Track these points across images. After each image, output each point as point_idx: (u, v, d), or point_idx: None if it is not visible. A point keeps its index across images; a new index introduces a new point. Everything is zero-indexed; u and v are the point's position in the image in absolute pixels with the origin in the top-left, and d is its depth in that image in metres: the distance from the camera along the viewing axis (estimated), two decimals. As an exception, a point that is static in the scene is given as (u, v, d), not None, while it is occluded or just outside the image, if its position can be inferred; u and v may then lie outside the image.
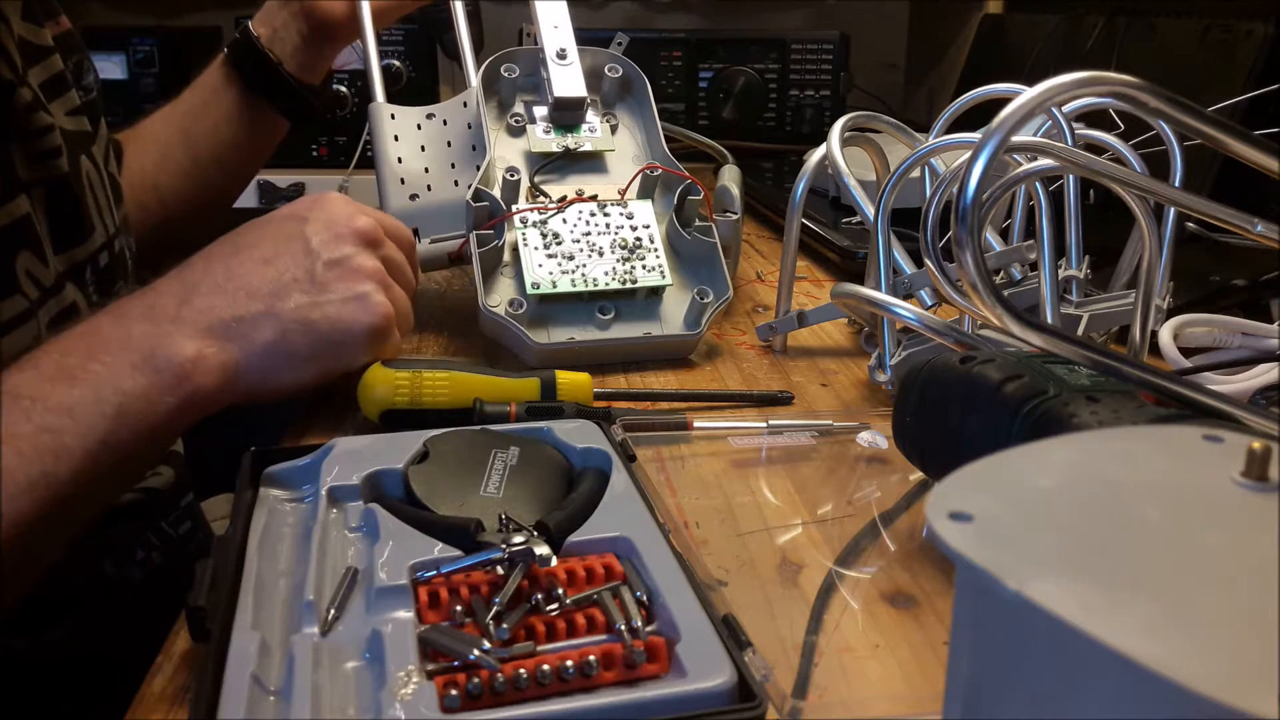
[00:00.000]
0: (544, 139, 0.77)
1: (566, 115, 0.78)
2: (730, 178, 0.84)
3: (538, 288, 0.69)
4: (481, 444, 0.50)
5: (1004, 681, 0.25)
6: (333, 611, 0.39)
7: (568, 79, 0.77)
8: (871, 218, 0.65)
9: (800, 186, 0.73)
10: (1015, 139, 0.46)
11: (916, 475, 0.54)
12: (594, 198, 0.75)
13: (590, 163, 0.78)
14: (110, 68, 1.43)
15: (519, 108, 0.79)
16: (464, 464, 0.49)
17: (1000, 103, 0.43)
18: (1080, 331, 0.64)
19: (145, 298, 0.53)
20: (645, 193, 0.76)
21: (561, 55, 0.78)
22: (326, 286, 0.55)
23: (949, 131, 0.69)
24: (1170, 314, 0.66)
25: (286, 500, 0.48)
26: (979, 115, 0.59)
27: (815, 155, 0.73)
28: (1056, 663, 0.23)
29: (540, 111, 0.78)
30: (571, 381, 0.61)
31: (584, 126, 0.78)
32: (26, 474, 0.46)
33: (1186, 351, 0.66)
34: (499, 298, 0.70)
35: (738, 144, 1.45)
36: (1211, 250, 0.84)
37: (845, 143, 0.71)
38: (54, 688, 0.65)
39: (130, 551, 0.73)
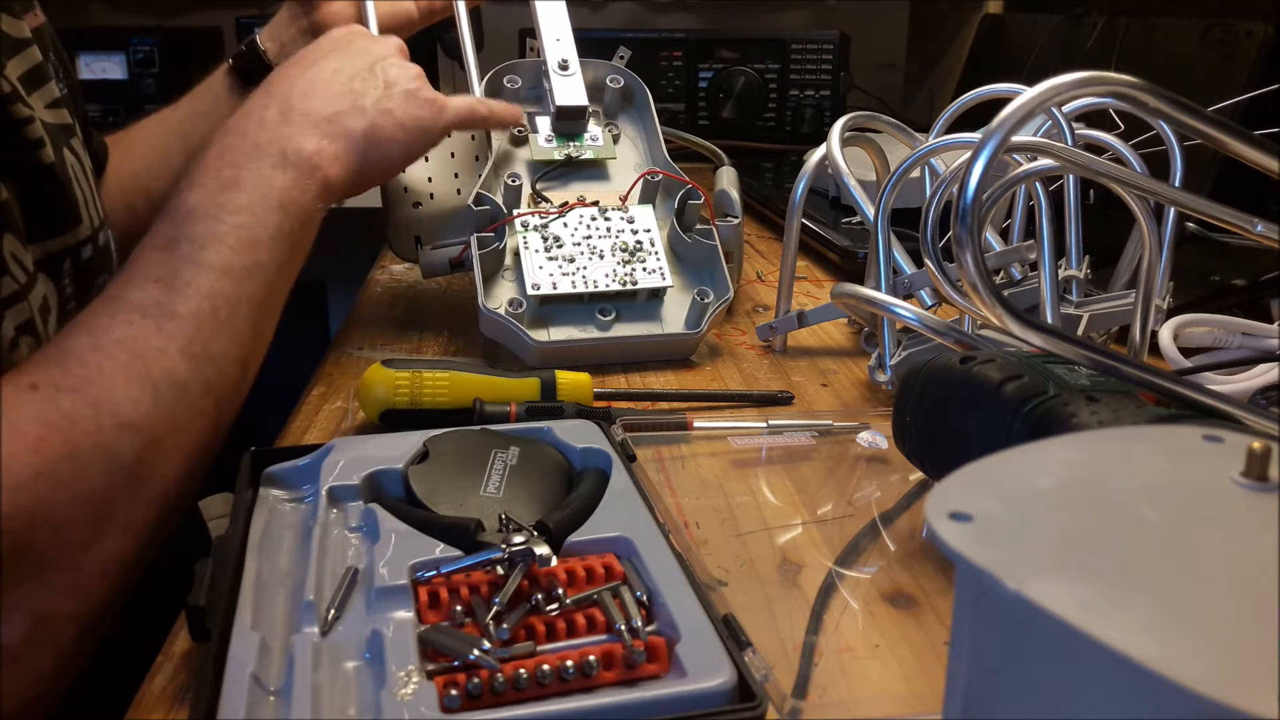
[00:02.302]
0: (546, 147, 0.78)
1: (569, 124, 0.79)
2: (728, 180, 0.84)
3: (538, 289, 0.69)
4: (481, 444, 0.50)
5: (1004, 681, 0.25)
6: (333, 611, 0.39)
7: (570, 89, 0.78)
8: (871, 218, 0.65)
9: (800, 186, 0.73)
10: (1015, 139, 0.46)
11: (916, 475, 0.54)
12: (595, 203, 0.75)
13: (592, 170, 0.79)
14: (110, 68, 1.43)
15: (522, 118, 0.79)
16: (464, 464, 0.49)
17: (1000, 103, 0.43)
18: (1080, 331, 0.64)
19: (251, 115, 0.61)
20: (646, 198, 0.77)
21: (564, 66, 0.78)
22: (391, 82, 0.66)
23: (949, 131, 0.69)
24: (1170, 314, 0.66)
25: (286, 500, 0.48)
26: (979, 115, 0.59)
27: (815, 155, 0.73)
28: (1056, 663, 0.23)
29: (543, 122, 0.79)
30: (571, 381, 0.61)
31: (586, 136, 0.79)
32: (243, 263, 0.54)
33: (1186, 351, 0.66)
34: (499, 299, 0.70)
35: (738, 144, 1.45)
36: (1211, 250, 0.84)
37: (845, 143, 0.71)
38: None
39: None
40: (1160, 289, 0.63)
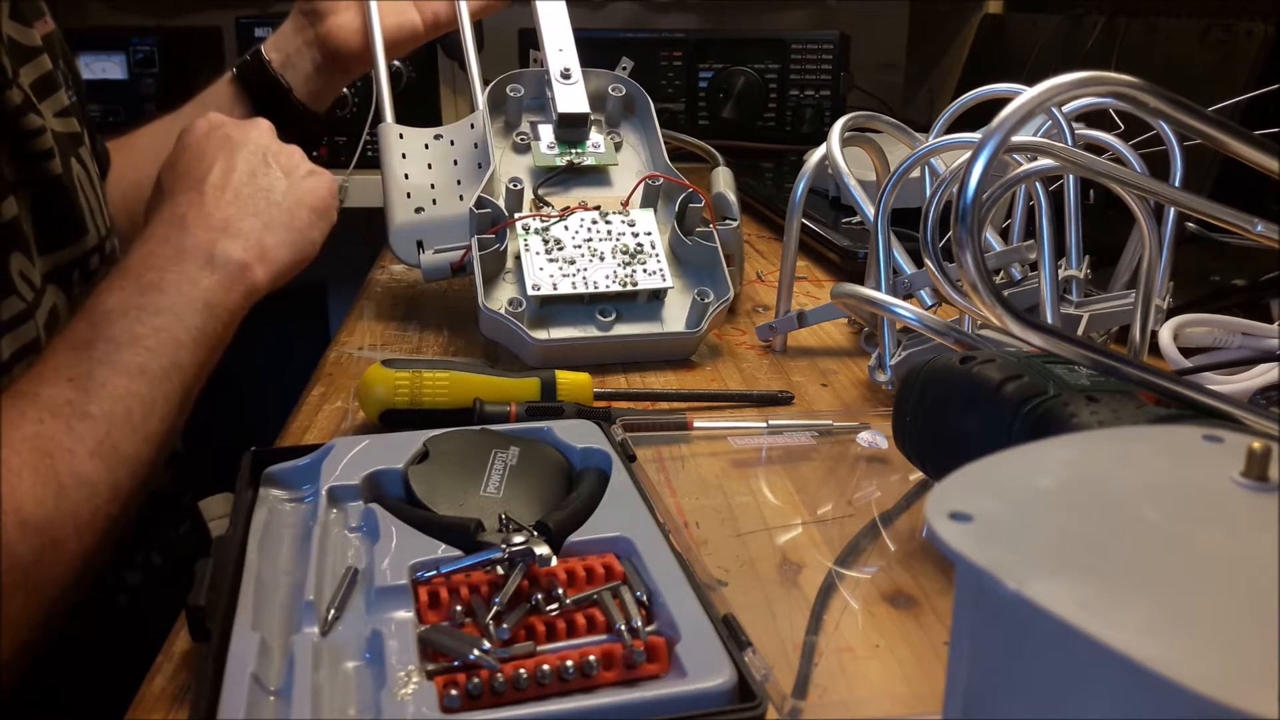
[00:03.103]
0: (548, 154, 0.78)
1: (571, 132, 0.79)
2: (724, 182, 0.84)
3: (538, 289, 0.69)
4: (481, 444, 0.50)
5: (1004, 681, 0.25)
6: (333, 611, 0.39)
7: (572, 96, 0.79)
8: (871, 218, 0.65)
9: (800, 186, 0.73)
10: (1015, 139, 0.46)
11: (916, 475, 0.54)
12: (597, 208, 0.75)
13: (594, 176, 0.79)
14: (110, 68, 1.43)
15: (524, 126, 0.80)
16: (464, 464, 0.49)
17: (1000, 103, 0.43)
18: (1080, 331, 0.64)
19: (170, 223, 0.60)
20: (647, 202, 0.77)
21: (566, 75, 0.79)
22: (288, 170, 0.66)
23: (949, 131, 0.69)
24: (1170, 314, 0.66)
25: (286, 500, 0.48)
26: (979, 115, 0.59)
27: (815, 155, 0.73)
28: (1056, 663, 0.23)
29: (545, 129, 0.79)
30: (571, 381, 0.61)
31: (588, 143, 0.79)
32: (160, 365, 0.54)
33: (1186, 351, 0.66)
34: (499, 299, 0.70)
35: (738, 144, 1.45)
36: (1211, 250, 0.84)
37: (845, 143, 0.71)
38: (54, 688, 0.65)
39: (130, 553, 0.73)
40: (1160, 289, 0.63)
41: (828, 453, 0.59)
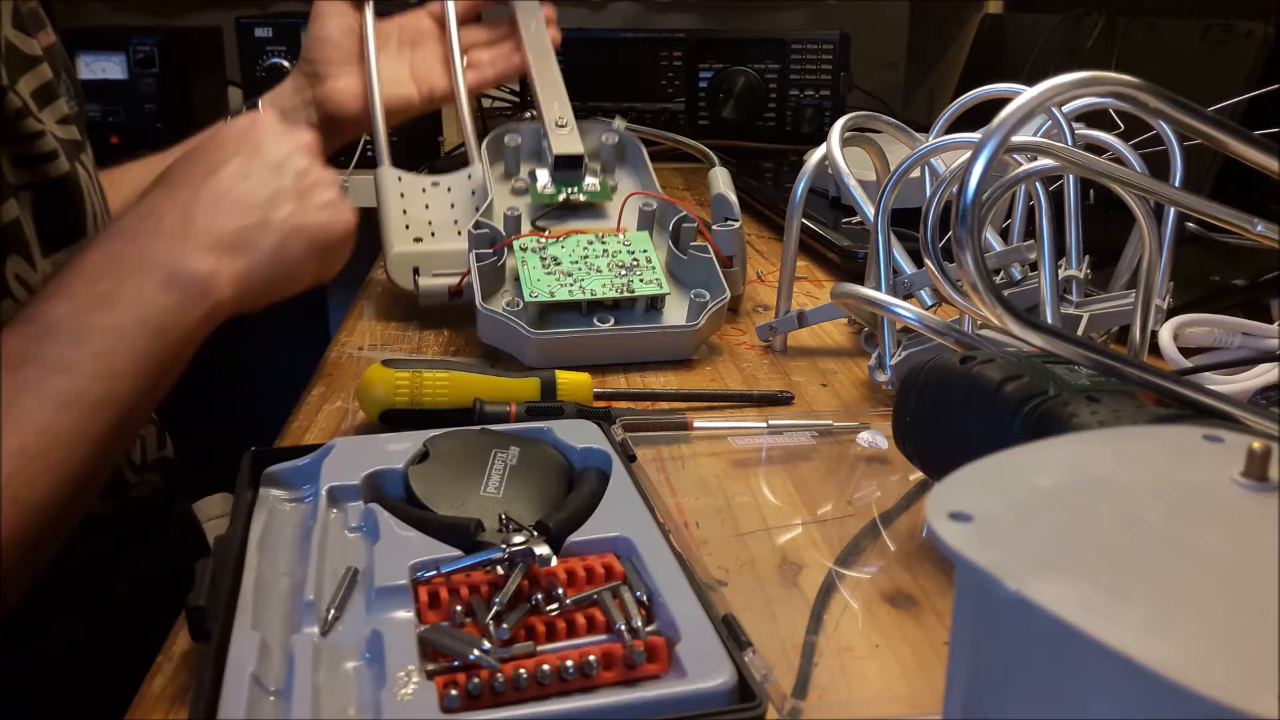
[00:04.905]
0: (545, 192, 0.80)
1: (566, 174, 0.81)
2: (724, 183, 0.84)
3: (535, 297, 0.69)
4: (481, 444, 0.50)
5: (1004, 681, 0.25)
6: (333, 611, 0.39)
7: (566, 140, 0.81)
8: (871, 218, 0.65)
9: (800, 186, 0.73)
10: (1015, 139, 0.45)
11: (916, 475, 0.54)
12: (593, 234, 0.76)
13: (589, 212, 0.81)
14: (110, 68, 1.43)
15: (522, 174, 0.82)
16: (464, 464, 0.49)
17: (1000, 103, 0.43)
18: (1080, 331, 0.64)
19: (147, 219, 0.55)
20: (642, 226, 0.78)
21: (561, 124, 0.82)
22: (305, 195, 0.60)
23: (949, 131, 0.69)
24: (1170, 314, 0.66)
25: (286, 500, 0.48)
26: (979, 115, 0.58)
27: (815, 155, 0.73)
28: (1056, 663, 0.23)
29: (542, 173, 0.81)
30: (571, 381, 0.61)
31: (583, 184, 0.81)
32: (95, 395, 0.49)
33: (1186, 351, 0.66)
34: (497, 305, 0.70)
35: (738, 144, 1.45)
36: (1211, 250, 0.84)
37: (845, 143, 0.71)
38: (53, 691, 0.65)
39: (118, 561, 0.73)
40: (1160, 289, 0.63)
41: (828, 453, 0.59)
